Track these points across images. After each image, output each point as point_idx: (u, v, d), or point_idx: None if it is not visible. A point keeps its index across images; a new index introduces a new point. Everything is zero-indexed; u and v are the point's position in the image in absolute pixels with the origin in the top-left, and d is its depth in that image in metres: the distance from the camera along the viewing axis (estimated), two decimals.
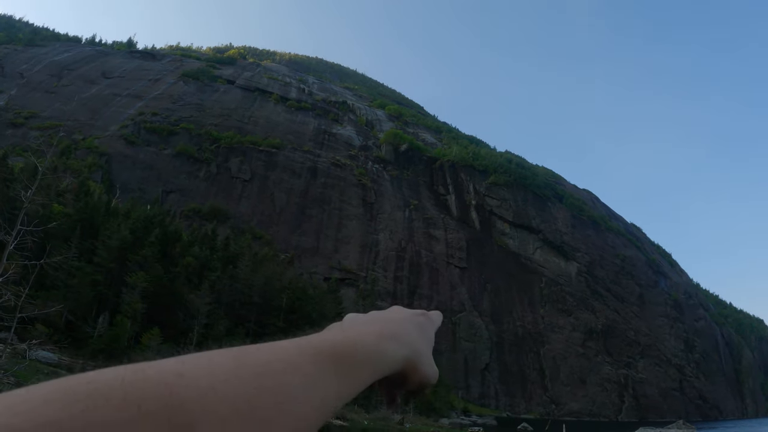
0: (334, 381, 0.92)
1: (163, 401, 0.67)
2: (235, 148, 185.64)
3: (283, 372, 0.83)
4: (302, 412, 0.83)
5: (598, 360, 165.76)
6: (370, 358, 0.97)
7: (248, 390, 0.76)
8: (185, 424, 0.67)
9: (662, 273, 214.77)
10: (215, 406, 0.72)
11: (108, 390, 0.65)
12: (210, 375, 0.75)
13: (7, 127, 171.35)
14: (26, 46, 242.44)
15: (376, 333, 1.02)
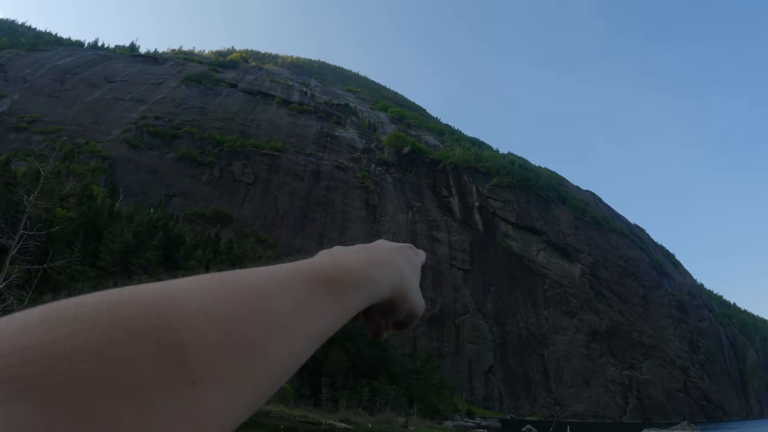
0: (326, 305, 0.86)
1: (151, 322, 0.61)
2: (238, 152, 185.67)
3: (274, 296, 0.77)
4: (294, 336, 0.79)
5: (602, 361, 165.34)
6: (360, 283, 0.94)
7: (238, 312, 0.71)
8: (174, 344, 0.62)
9: (666, 274, 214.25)
10: (205, 327, 0.66)
11: (95, 313, 0.58)
12: (199, 297, 0.68)
13: (10, 132, 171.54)
14: (29, 51, 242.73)
15: (365, 260, 0.99)
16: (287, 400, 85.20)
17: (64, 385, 0.54)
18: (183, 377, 0.63)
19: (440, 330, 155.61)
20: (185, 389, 0.63)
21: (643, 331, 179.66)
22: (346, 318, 0.94)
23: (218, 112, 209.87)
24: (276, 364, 0.77)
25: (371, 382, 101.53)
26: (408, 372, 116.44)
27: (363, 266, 0.98)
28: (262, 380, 0.73)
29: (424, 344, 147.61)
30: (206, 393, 0.65)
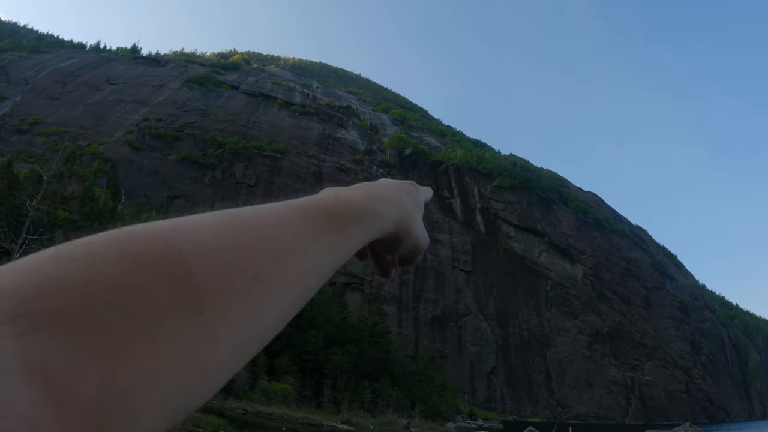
0: (328, 238, 0.88)
1: (160, 252, 0.63)
2: (240, 154, 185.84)
3: (277, 227, 0.80)
4: (299, 268, 0.80)
5: (605, 363, 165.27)
6: (362, 216, 0.96)
7: (242, 243, 0.73)
8: (184, 274, 0.64)
9: (668, 275, 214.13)
10: (211, 257, 0.68)
11: (105, 248, 0.60)
12: (205, 230, 0.71)
13: (12, 134, 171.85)
14: (31, 53, 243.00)
15: (367, 194, 1.00)
16: (289, 402, 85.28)
17: (80, 316, 0.56)
18: (192, 307, 0.65)
19: (442, 331, 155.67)
20: (194, 318, 0.65)
21: (645, 332, 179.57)
22: (350, 251, 0.96)
23: (220, 114, 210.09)
24: (281, 295, 0.77)
25: (373, 384, 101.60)
26: (410, 374, 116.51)
27: (365, 200, 0.99)
28: (269, 312, 0.74)
29: (426, 346, 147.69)
30: (214, 323, 0.67)
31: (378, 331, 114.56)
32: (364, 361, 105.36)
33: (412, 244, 1.08)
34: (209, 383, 0.67)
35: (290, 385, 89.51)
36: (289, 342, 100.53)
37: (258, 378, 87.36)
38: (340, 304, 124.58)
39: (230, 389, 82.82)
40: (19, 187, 79.23)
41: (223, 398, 79.23)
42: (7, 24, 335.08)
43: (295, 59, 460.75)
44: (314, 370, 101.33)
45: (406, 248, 1.08)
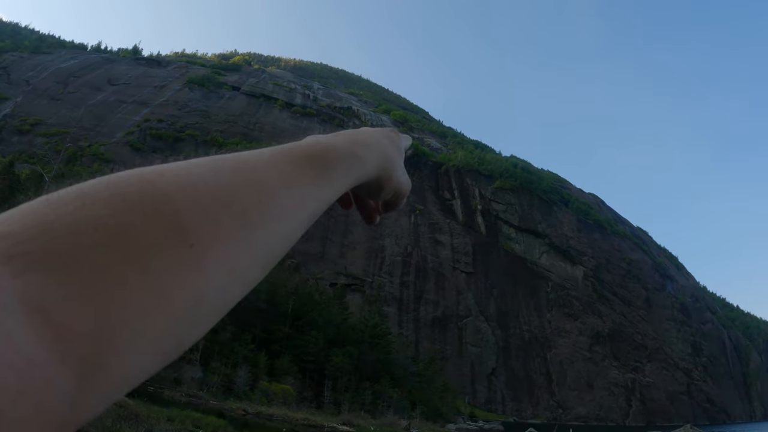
0: (311, 181, 0.92)
1: (148, 192, 0.67)
2: None
3: (262, 168, 0.84)
4: (285, 208, 0.84)
5: (605, 364, 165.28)
6: (345, 159, 0.99)
7: (228, 182, 0.76)
8: (171, 211, 0.67)
9: (669, 276, 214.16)
10: (197, 195, 0.72)
11: (95, 191, 0.63)
12: (189, 171, 0.74)
13: (13, 134, 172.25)
14: (32, 54, 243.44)
15: (348, 140, 1.06)
16: (289, 403, 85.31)
17: (74, 255, 0.58)
18: (181, 241, 0.69)
19: (443, 333, 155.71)
20: (183, 253, 0.69)
21: (646, 334, 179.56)
22: (333, 194, 1.00)
23: (221, 115, 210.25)
24: (268, 232, 0.81)
25: (374, 385, 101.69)
26: (410, 375, 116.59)
27: (347, 145, 1.04)
28: (256, 247, 0.78)
29: (427, 347, 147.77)
30: (203, 256, 0.70)
31: (378, 332, 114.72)
32: (365, 363, 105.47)
33: (395, 188, 1.11)
34: (202, 317, 0.70)
35: (291, 386, 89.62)
36: (290, 343, 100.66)
37: (258, 379, 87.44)
38: (341, 305, 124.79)
39: (231, 390, 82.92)
40: (20, 187, 79.42)
41: (224, 399, 79.26)
42: (8, 25, 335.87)
43: (296, 60, 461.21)
44: (315, 371, 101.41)
45: (389, 193, 1.12)
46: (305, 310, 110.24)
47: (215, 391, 79.82)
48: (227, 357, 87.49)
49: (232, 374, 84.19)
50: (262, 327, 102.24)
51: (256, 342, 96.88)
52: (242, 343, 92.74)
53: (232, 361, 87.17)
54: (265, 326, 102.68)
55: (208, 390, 79.29)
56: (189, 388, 78.93)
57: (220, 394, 80.00)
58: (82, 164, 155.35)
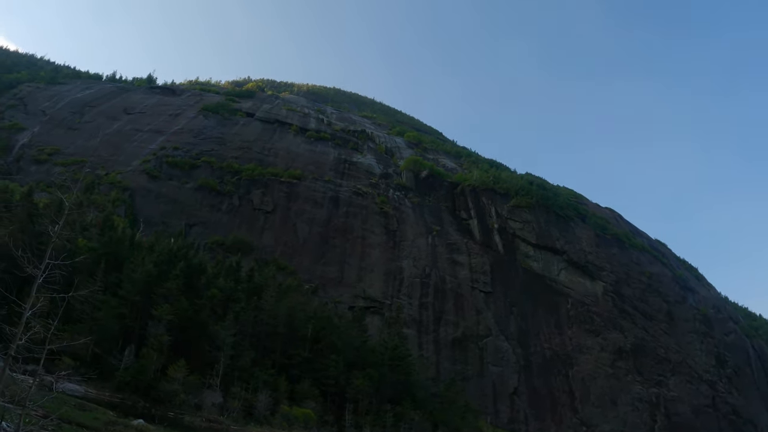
0: None
1: None
2: (257, 180, 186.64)
3: None
4: None
5: (629, 380, 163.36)
6: None
7: None
8: None
9: (689, 288, 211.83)
10: None
11: None
12: None
13: (31, 164, 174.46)
14: (48, 84, 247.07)
15: None
16: (311, 427, 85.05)
17: None
18: None
19: (463, 353, 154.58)
20: None
21: (668, 347, 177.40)
22: None
23: (236, 142, 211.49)
24: None
25: (395, 408, 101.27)
26: (432, 396, 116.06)
27: None
28: None
29: (448, 368, 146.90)
30: None
31: (399, 354, 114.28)
32: (386, 385, 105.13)
33: None
34: None
35: (311, 409, 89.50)
36: (310, 367, 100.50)
37: (279, 403, 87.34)
38: (360, 328, 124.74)
39: (251, 414, 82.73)
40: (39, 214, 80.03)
41: (245, 424, 79.12)
42: (24, 56, 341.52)
43: (308, 85, 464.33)
44: (335, 394, 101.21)
45: None
46: (324, 333, 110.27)
47: (236, 416, 79.79)
48: (247, 382, 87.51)
49: (252, 399, 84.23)
50: (282, 351, 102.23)
51: (276, 366, 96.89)
52: (262, 367, 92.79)
53: (252, 386, 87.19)
54: (284, 350, 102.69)
55: (229, 415, 79.23)
56: (210, 413, 78.93)
57: (240, 419, 79.91)
58: (100, 192, 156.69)
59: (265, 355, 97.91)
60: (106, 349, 79.91)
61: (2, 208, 78.89)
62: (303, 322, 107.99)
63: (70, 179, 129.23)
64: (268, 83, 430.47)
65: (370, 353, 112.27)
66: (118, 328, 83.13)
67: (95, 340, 73.49)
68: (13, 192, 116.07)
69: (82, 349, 69.75)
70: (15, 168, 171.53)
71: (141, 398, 74.86)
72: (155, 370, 78.24)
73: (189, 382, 78.03)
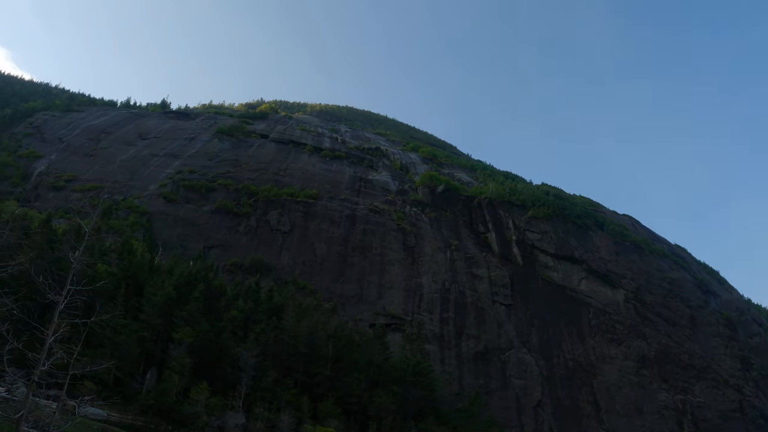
0: None
1: None
2: (273, 201, 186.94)
3: None
4: None
5: (654, 387, 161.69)
6: None
7: None
8: None
9: (712, 292, 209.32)
10: None
11: None
12: None
13: (49, 191, 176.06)
14: (64, 112, 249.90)
15: None
16: None
17: None
18: None
19: (486, 367, 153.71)
20: None
21: (693, 353, 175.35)
22: None
23: (251, 163, 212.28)
24: None
25: (419, 424, 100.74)
26: (456, 411, 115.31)
27: None
28: None
29: (471, 382, 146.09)
30: None
31: (421, 370, 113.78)
32: (409, 401, 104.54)
33: None
34: None
35: (335, 428, 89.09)
36: (332, 385, 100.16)
37: (302, 423, 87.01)
38: (382, 345, 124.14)
39: None
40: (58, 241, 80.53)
41: None
42: (39, 85, 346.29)
43: (321, 105, 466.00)
44: (358, 412, 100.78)
45: None
46: (346, 351, 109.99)
47: None
48: (270, 402, 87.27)
49: (275, 419, 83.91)
50: (304, 371, 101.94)
51: (298, 386, 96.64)
52: (284, 387, 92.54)
53: (275, 406, 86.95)
54: (306, 370, 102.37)
55: None
56: None
57: None
58: (118, 217, 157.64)
59: (286, 374, 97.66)
60: (128, 372, 80.00)
61: (21, 235, 79.41)
62: (324, 341, 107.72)
63: (88, 205, 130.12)
64: (281, 104, 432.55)
65: (392, 370, 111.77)
66: (139, 352, 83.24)
67: (117, 364, 73.51)
68: (31, 219, 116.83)
69: (104, 373, 69.84)
70: (33, 195, 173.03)
71: (163, 421, 74.84)
72: (177, 392, 78.25)
73: (211, 403, 77.92)
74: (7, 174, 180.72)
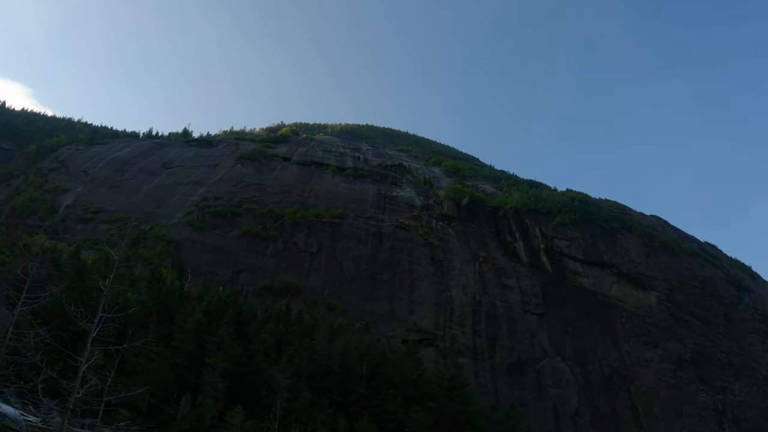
0: None
1: None
2: (300, 223, 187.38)
3: None
4: None
5: (692, 389, 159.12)
6: None
7: None
8: None
9: (745, 288, 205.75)
10: None
11: None
12: None
13: (77, 223, 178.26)
14: (88, 146, 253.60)
15: None
16: None
17: None
18: None
19: (521, 378, 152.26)
20: None
21: (730, 351, 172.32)
22: None
23: (276, 186, 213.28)
24: None
25: None
26: (493, 424, 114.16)
27: None
28: None
29: (506, 394, 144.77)
30: None
31: (456, 384, 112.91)
32: (445, 416, 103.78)
33: None
34: None
35: None
36: (367, 404, 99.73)
37: None
38: (415, 361, 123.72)
39: None
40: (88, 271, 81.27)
41: None
42: (62, 120, 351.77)
43: (341, 125, 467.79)
44: (395, 429, 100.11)
45: None
46: (380, 369, 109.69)
47: None
48: (305, 423, 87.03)
49: None
50: (339, 390, 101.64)
51: (333, 406, 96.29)
52: (319, 408, 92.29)
53: (310, 427, 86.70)
54: (341, 389, 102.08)
55: None
56: None
57: None
58: (146, 246, 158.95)
59: (321, 395, 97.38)
60: (162, 399, 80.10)
61: (51, 267, 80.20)
62: (357, 360, 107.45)
63: (116, 235, 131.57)
64: (302, 126, 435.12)
65: (426, 385, 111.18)
66: (172, 378, 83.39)
67: (151, 390, 73.63)
68: (61, 251, 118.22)
69: (139, 400, 69.95)
70: (62, 228, 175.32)
71: None
72: (212, 417, 78.19)
73: (247, 427, 77.76)
74: (35, 208, 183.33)
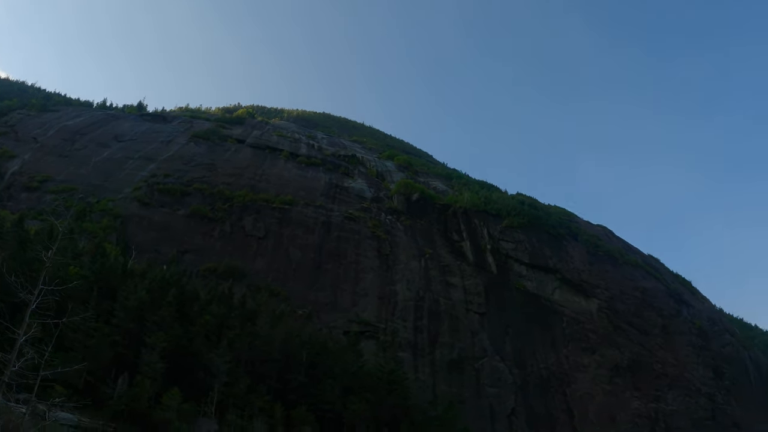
0: None
1: None
2: (249, 206, 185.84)
3: None
4: None
5: (627, 396, 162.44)
6: None
7: None
8: None
9: (684, 302, 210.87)
10: None
11: None
12: None
13: (21, 191, 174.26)
14: (39, 112, 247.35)
15: None
16: None
17: None
18: None
19: (460, 375, 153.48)
20: None
21: (665, 362, 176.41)
22: None
23: (227, 168, 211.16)
24: None
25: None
26: (430, 419, 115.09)
27: None
28: None
29: (444, 390, 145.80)
30: None
31: (395, 378, 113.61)
32: (383, 409, 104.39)
33: None
34: None
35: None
36: (306, 392, 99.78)
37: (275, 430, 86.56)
38: (356, 352, 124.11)
39: None
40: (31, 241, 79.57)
41: None
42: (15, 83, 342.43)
43: (299, 111, 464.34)
44: (332, 420, 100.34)
45: None
46: (320, 358, 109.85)
47: None
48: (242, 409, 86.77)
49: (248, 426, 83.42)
50: (278, 377, 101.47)
51: (271, 393, 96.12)
52: (258, 394, 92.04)
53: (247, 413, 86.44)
54: (280, 376, 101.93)
55: None
56: None
57: None
58: (92, 219, 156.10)
59: (260, 381, 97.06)
60: (99, 377, 78.99)
61: None
62: (298, 348, 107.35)
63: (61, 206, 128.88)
64: (258, 109, 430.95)
65: (366, 377, 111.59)
66: (111, 356, 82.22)
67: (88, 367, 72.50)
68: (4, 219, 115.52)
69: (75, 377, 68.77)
70: (6, 196, 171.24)
71: (135, 427, 73.98)
72: (149, 398, 77.38)
73: (183, 410, 77.14)
74: None
